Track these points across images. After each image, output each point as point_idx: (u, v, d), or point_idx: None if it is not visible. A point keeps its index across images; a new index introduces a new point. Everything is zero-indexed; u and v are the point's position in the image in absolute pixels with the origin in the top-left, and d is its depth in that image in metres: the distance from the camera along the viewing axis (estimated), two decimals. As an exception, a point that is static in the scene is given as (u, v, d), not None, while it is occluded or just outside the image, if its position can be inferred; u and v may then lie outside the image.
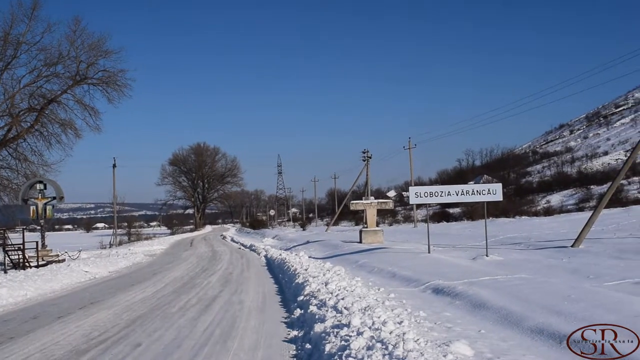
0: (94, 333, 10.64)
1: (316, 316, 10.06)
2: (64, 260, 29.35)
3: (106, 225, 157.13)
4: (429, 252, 21.43)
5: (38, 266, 25.88)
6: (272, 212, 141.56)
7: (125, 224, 71.59)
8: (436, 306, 11.34)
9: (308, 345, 8.79)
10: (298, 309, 11.80)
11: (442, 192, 21.49)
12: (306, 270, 17.07)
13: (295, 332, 10.01)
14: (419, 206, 55.84)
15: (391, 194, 70.66)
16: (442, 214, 71.05)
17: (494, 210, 54.47)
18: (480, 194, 20.79)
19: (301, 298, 12.72)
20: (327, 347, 7.92)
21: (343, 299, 10.98)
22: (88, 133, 48.76)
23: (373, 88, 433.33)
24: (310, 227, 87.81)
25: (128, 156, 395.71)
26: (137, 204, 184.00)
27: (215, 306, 13.61)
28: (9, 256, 25.27)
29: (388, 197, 55.82)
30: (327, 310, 10.22)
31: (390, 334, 7.88)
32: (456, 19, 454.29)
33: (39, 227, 31.64)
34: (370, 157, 58.77)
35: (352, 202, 39.59)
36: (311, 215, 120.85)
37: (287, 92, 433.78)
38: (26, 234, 28.50)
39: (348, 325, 8.72)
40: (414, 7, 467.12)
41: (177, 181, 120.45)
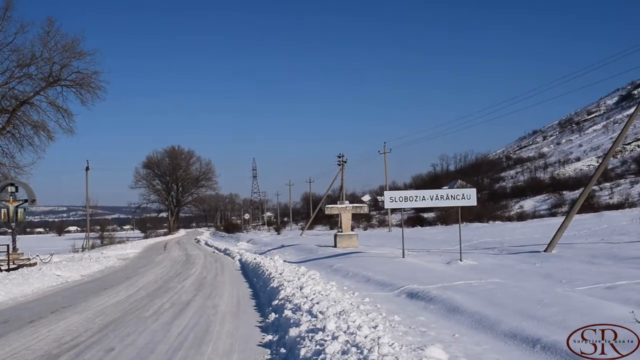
0: (66, 337, 10.50)
1: (291, 320, 10.04)
2: (35, 264, 28.98)
3: (79, 229, 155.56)
4: (403, 257, 21.52)
5: (9, 270, 25.54)
6: (247, 216, 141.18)
7: (98, 227, 70.87)
8: (411, 310, 11.38)
9: (283, 350, 8.77)
10: (273, 313, 11.77)
11: (417, 196, 21.61)
12: (281, 274, 17.03)
13: (270, 337, 9.98)
14: (393, 211, 56.04)
15: (366, 198, 71.12)
16: (416, 218, 71.28)
17: (468, 215, 54.79)
18: (454, 198, 20.94)
19: (276, 302, 12.69)
20: (302, 352, 7.91)
21: (318, 303, 10.98)
22: (61, 135, 48.37)
23: (348, 92, 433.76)
24: (285, 231, 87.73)
25: (102, 159, 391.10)
26: (110, 207, 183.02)
27: (189, 310, 13.52)
28: (-22, 259, 24.89)
29: (363, 202, 56.06)
30: (302, 315, 10.22)
31: (365, 338, 7.90)
32: (432, 22, 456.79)
33: (10, 230, 31.18)
34: (345, 162, 58.82)
35: (327, 206, 39.61)
36: (286, 219, 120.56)
37: (261, 97, 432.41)
38: (-3, 237, 28.09)
39: (323, 329, 8.72)
40: (388, 10, 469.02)
41: (151, 184, 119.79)
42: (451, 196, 21.14)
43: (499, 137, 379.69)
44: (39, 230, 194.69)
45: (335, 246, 32.80)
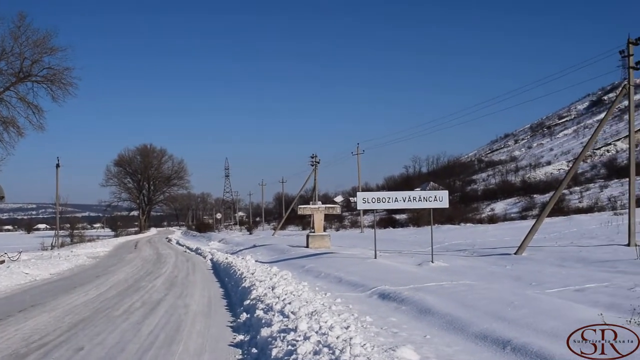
0: (34, 337, 10.35)
1: (263, 320, 10.01)
2: (3, 262, 28.53)
3: (48, 226, 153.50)
4: (375, 258, 21.58)
5: (-25, 267, 25.10)
6: (219, 216, 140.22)
7: (68, 225, 70.04)
8: (382, 311, 11.41)
9: (254, 350, 8.74)
10: (244, 313, 11.72)
11: (390, 198, 21.69)
12: (253, 274, 16.97)
13: (241, 337, 9.93)
14: (366, 212, 56.16)
15: (338, 199, 71.19)
16: (388, 219, 71.56)
17: (440, 217, 55.18)
18: (427, 200, 21.06)
19: (247, 302, 12.64)
20: (274, 352, 7.88)
21: (290, 303, 10.96)
22: (31, 131, 47.81)
23: (322, 93, 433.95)
24: (257, 231, 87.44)
25: (72, 156, 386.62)
26: (81, 205, 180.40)
27: (160, 310, 13.41)
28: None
29: (335, 203, 56.08)
30: (273, 315, 10.18)
31: (337, 338, 7.90)
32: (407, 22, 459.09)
33: (-23, 227, 30.69)
34: (318, 162, 58.97)
35: (299, 206, 39.64)
36: (258, 219, 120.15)
37: (234, 96, 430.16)
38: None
39: (295, 329, 8.70)
40: (361, 9, 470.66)
41: (122, 182, 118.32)
42: (423, 198, 21.26)
43: (472, 140, 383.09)
44: (7, 227, 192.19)
45: (307, 246, 32.81)
